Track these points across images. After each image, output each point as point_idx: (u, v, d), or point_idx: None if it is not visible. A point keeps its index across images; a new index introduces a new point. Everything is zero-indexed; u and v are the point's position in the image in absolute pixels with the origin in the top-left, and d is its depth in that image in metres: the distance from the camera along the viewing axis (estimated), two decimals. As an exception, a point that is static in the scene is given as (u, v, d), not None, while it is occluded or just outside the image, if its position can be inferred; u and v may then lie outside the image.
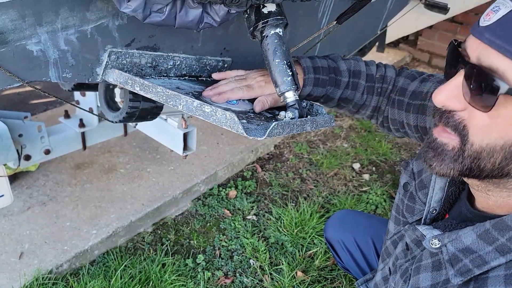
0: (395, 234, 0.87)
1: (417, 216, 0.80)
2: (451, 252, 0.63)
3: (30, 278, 1.49)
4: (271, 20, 0.82)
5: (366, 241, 1.19)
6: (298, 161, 2.38)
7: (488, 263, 0.58)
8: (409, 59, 3.91)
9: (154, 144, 2.25)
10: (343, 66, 0.99)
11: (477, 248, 0.60)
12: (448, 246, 0.64)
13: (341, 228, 1.25)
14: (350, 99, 1.00)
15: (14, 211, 1.76)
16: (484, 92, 0.53)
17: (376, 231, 1.19)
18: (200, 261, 1.69)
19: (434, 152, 0.62)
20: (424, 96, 0.92)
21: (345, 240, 1.23)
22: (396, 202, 0.89)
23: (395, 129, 1.01)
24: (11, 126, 1.32)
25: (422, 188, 0.81)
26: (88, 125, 1.68)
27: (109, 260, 1.66)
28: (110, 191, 1.93)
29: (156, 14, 0.72)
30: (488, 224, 0.60)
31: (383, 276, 0.89)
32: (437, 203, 0.77)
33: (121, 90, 1.17)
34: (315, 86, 0.95)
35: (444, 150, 0.60)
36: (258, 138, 0.69)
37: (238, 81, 0.90)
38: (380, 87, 1.00)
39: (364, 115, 1.06)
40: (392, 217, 0.89)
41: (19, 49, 0.69)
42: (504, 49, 0.51)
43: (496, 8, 0.54)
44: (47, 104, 2.62)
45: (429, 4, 2.11)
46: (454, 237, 0.64)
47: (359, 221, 1.26)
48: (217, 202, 2.01)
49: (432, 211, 0.77)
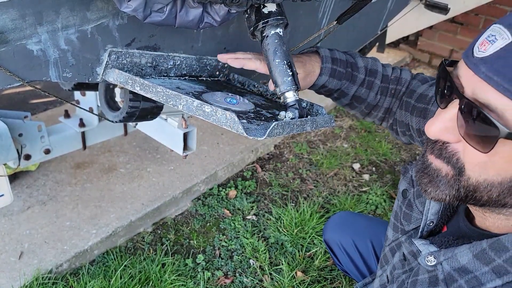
0: (393, 241, 0.86)
1: (413, 225, 0.79)
2: (446, 271, 0.62)
3: (30, 277, 1.49)
4: (271, 20, 0.82)
5: (366, 244, 1.18)
6: (298, 161, 2.38)
7: (484, 285, 0.56)
8: (409, 60, 3.91)
9: (154, 144, 2.25)
10: (361, 63, 0.99)
11: (473, 268, 0.58)
12: (443, 265, 0.62)
13: (340, 231, 1.24)
14: (363, 98, 1.00)
15: (14, 210, 1.76)
16: (481, 133, 0.50)
17: (376, 233, 1.17)
18: (200, 261, 1.69)
19: (429, 178, 0.60)
20: (428, 100, 0.93)
21: (344, 243, 1.22)
22: (395, 209, 0.89)
23: (402, 132, 1.02)
24: (11, 126, 1.32)
25: (420, 196, 0.80)
26: (88, 124, 1.68)
27: (109, 260, 1.66)
28: (110, 190, 1.93)
29: (157, 14, 0.72)
30: (485, 244, 0.58)
31: (381, 284, 0.88)
32: (434, 215, 0.75)
33: (121, 90, 1.17)
34: (331, 77, 0.95)
35: (439, 176, 0.58)
36: (258, 138, 0.69)
37: (255, 55, 0.92)
38: (394, 88, 1.00)
39: (376, 118, 1.06)
40: (391, 223, 0.89)
41: (19, 48, 0.69)
42: (502, 87, 0.47)
43: (491, 38, 0.49)
44: (47, 104, 2.62)
45: (429, 4, 2.11)
46: (450, 255, 0.62)
47: (358, 223, 1.24)
48: (217, 202, 2.01)
49: (429, 223, 0.76)
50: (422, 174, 0.61)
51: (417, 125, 0.94)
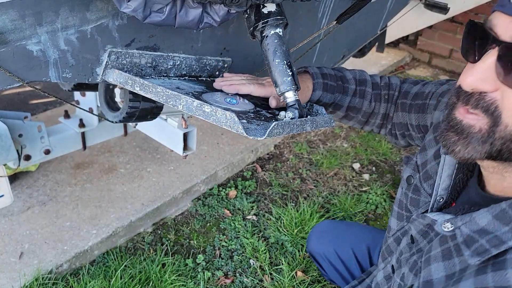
0: (398, 230, 0.86)
1: (422, 209, 0.79)
2: (465, 233, 0.61)
3: (30, 278, 1.49)
4: (271, 20, 0.82)
5: (347, 252, 1.19)
6: (298, 161, 2.38)
7: (506, 243, 0.56)
8: (409, 59, 3.91)
9: (154, 144, 2.25)
10: (349, 75, 1.03)
11: (493, 229, 0.58)
12: (462, 229, 0.62)
13: (322, 241, 1.25)
14: (358, 107, 1.03)
15: (14, 211, 1.76)
16: None
17: (356, 240, 1.19)
18: (200, 261, 1.69)
19: (458, 136, 0.59)
20: (425, 96, 0.95)
21: (326, 253, 1.22)
22: (399, 197, 0.89)
23: (401, 134, 1.03)
24: (11, 126, 1.32)
25: (428, 179, 0.80)
26: (88, 125, 1.68)
27: (109, 260, 1.66)
28: (110, 191, 1.93)
29: (156, 14, 0.72)
30: (504, 204, 0.58)
31: (385, 275, 0.88)
32: (444, 190, 0.75)
33: (121, 90, 1.17)
34: (324, 91, 0.98)
35: (471, 132, 0.58)
36: (258, 138, 0.69)
37: (249, 79, 0.94)
38: (387, 93, 1.03)
39: (374, 125, 1.08)
40: (394, 213, 0.89)
41: (19, 49, 0.69)
42: None
43: None
44: (47, 104, 2.62)
45: (429, 4, 2.11)
46: (468, 219, 0.62)
47: (338, 231, 1.25)
48: (217, 202, 2.01)
49: (439, 199, 0.75)
50: (449, 133, 0.60)
51: (416, 121, 0.95)
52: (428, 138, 0.87)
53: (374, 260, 1.15)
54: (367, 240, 1.18)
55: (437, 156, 0.81)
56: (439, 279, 0.65)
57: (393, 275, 0.84)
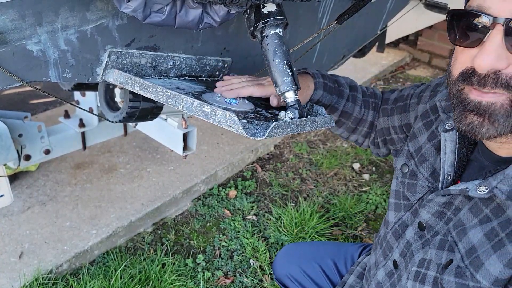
0: (395, 222, 0.85)
1: (419, 194, 0.79)
2: (505, 190, 0.62)
3: (30, 278, 1.49)
4: (271, 20, 0.82)
5: (313, 268, 1.17)
6: (298, 161, 2.38)
7: None
8: (409, 59, 3.91)
9: (154, 144, 2.25)
10: (342, 80, 1.07)
11: None
12: (499, 187, 0.62)
13: (287, 263, 1.23)
14: (350, 113, 1.05)
15: (14, 211, 1.76)
16: None
17: (320, 255, 1.18)
18: (200, 261, 1.69)
19: (482, 117, 0.60)
20: (405, 98, 0.99)
21: (293, 273, 1.20)
22: (394, 188, 0.89)
23: (382, 141, 1.06)
24: (11, 126, 1.32)
25: (424, 161, 0.81)
26: (88, 125, 1.68)
27: (109, 260, 1.66)
28: (110, 191, 1.93)
29: (156, 14, 0.72)
30: None
31: (386, 272, 0.87)
32: (451, 167, 0.75)
33: (121, 90, 1.17)
34: (325, 91, 1.00)
35: (495, 110, 0.59)
36: (258, 138, 0.69)
37: (249, 80, 0.94)
38: (374, 102, 1.07)
39: (360, 134, 1.10)
40: (391, 206, 0.89)
41: (19, 49, 0.69)
42: None
43: None
44: (47, 104, 2.62)
45: (429, 4, 2.11)
46: (501, 177, 0.62)
47: (302, 250, 1.24)
48: (217, 202, 2.01)
49: (447, 177, 0.75)
50: (470, 116, 0.61)
51: (399, 122, 0.99)
52: (416, 127, 0.89)
53: (342, 272, 1.15)
54: (331, 254, 1.17)
55: (432, 138, 0.83)
56: (479, 240, 0.65)
57: (396, 270, 0.83)
